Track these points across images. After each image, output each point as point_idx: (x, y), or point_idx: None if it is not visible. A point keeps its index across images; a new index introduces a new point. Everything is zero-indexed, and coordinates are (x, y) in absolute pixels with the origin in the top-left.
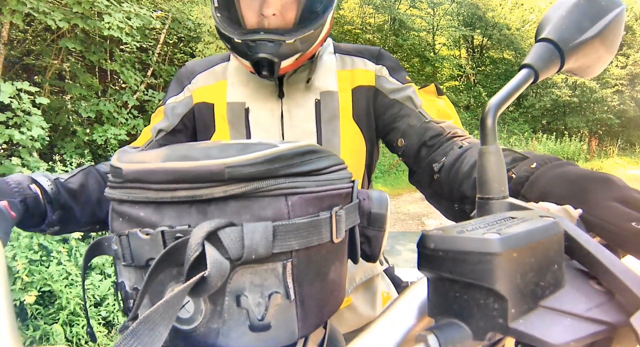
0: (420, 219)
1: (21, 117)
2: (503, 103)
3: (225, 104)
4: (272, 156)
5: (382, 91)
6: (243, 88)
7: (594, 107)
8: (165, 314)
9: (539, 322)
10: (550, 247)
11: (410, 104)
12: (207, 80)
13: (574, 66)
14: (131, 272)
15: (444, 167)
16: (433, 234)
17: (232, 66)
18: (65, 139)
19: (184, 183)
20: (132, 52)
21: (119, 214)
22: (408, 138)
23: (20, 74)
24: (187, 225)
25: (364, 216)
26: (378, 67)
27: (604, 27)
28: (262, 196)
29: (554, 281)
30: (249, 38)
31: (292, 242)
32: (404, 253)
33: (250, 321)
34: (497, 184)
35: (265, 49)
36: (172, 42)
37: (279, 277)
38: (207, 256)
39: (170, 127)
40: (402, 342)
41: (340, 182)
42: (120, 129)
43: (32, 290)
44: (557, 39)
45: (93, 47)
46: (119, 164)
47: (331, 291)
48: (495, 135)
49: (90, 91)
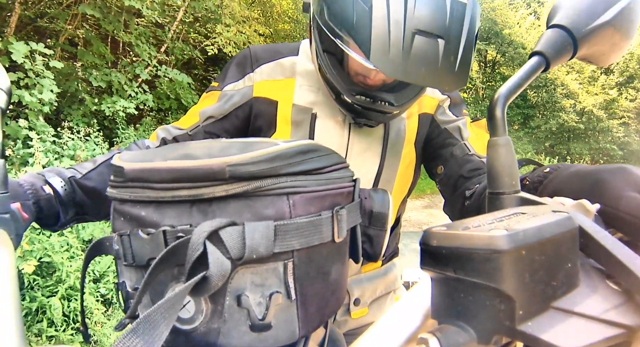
0: (421, 226)
1: (32, 78)
2: (513, 92)
3: (290, 105)
4: (273, 155)
5: (437, 120)
6: (312, 94)
7: (598, 135)
8: (166, 313)
9: (550, 324)
10: (563, 244)
11: (457, 134)
12: (274, 73)
13: (587, 53)
14: (132, 272)
15: (475, 193)
16: (436, 231)
17: (303, 66)
18: (72, 106)
19: (185, 182)
20: (147, 26)
21: (120, 213)
22: (448, 167)
23: (32, 36)
24: (189, 224)
25: (365, 215)
26: (443, 98)
27: (617, 13)
28: (263, 195)
29: (567, 280)
30: (361, 103)
31: (294, 241)
32: (407, 253)
33: (251, 321)
34: (508, 177)
35: (373, 117)
36: (188, 21)
37: (280, 277)
38: (209, 255)
39: (221, 114)
40: (404, 344)
41: (341, 181)
42: (130, 102)
43: (32, 259)
44: (570, 25)
45: (110, 16)
46: (120, 163)
47: (332, 291)
48: (505, 126)
49: (101, 60)
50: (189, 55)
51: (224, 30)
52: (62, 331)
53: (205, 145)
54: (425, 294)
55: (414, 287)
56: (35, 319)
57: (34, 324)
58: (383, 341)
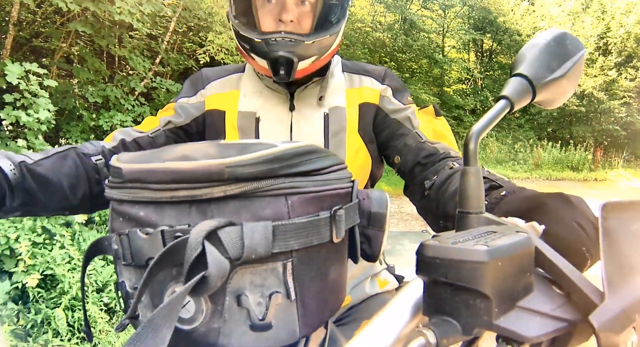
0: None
1: (28, 98)
2: (484, 130)
3: (236, 113)
4: (271, 156)
5: (384, 110)
6: (255, 99)
7: (600, 117)
8: (167, 316)
9: (516, 319)
10: (524, 258)
11: (408, 124)
12: (221, 88)
13: (542, 99)
14: (131, 272)
15: (434, 185)
16: (430, 244)
17: (247, 77)
18: (70, 123)
19: (183, 183)
20: (140, 39)
21: (118, 213)
22: (404, 156)
23: (28, 56)
24: (187, 224)
25: (363, 215)
26: (383, 88)
27: (569, 68)
28: (261, 195)
29: (526, 285)
30: (269, 36)
31: (292, 242)
32: (405, 253)
33: (251, 321)
34: (476, 200)
35: (285, 47)
36: (181, 31)
37: (279, 277)
38: (208, 255)
39: (180, 122)
40: (398, 338)
41: (340, 182)
42: (127, 116)
43: (35, 273)
44: (531, 76)
45: (103, 32)
46: (118, 164)
47: (332, 291)
48: (477, 157)
49: (97, 76)
50: (184, 65)
51: (216, 38)
52: (67, 340)
53: (202, 146)
54: (415, 294)
55: (405, 287)
56: (41, 331)
57: (40, 335)
58: (380, 335)
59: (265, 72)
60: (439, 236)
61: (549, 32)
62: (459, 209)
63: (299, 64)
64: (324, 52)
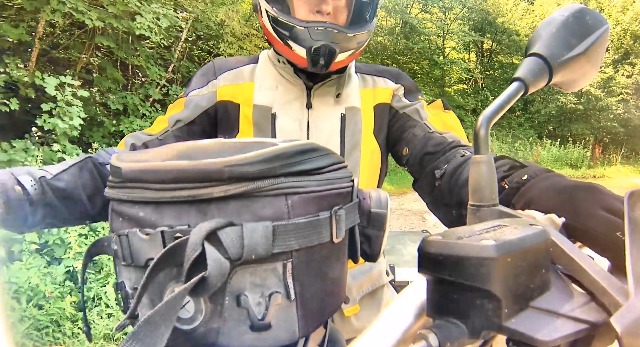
0: (422, 215)
1: (62, 107)
2: (495, 115)
3: (251, 106)
4: (271, 155)
5: (395, 108)
6: (271, 93)
7: (599, 115)
8: (166, 315)
9: (529, 321)
10: (539, 253)
11: (416, 116)
12: (235, 79)
13: (560, 80)
14: (131, 272)
15: (446, 174)
16: (433, 240)
17: (261, 69)
18: (92, 129)
19: (183, 183)
20: (152, 48)
21: (118, 213)
22: (412, 147)
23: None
24: (187, 225)
25: (364, 215)
26: (397, 87)
27: (590, 45)
28: (262, 195)
29: (541, 283)
30: (313, 25)
31: (292, 242)
32: (405, 253)
33: (251, 321)
34: (488, 192)
35: (329, 37)
36: (191, 39)
37: (279, 277)
38: (207, 255)
39: (189, 118)
40: (401, 340)
41: (340, 181)
42: (144, 121)
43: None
44: (547, 55)
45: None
46: (118, 163)
47: (331, 291)
48: (488, 145)
49: (115, 85)
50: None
51: (228, 47)
52: (116, 311)
53: (202, 145)
54: (419, 294)
55: (408, 287)
56: (94, 304)
57: (93, 308)
58: (382, 337)
59: (298, 61)
60: (443, 232)
61: (566, 8)
62: (470, 202)
63: (339, 55)
64: (360, 47)
